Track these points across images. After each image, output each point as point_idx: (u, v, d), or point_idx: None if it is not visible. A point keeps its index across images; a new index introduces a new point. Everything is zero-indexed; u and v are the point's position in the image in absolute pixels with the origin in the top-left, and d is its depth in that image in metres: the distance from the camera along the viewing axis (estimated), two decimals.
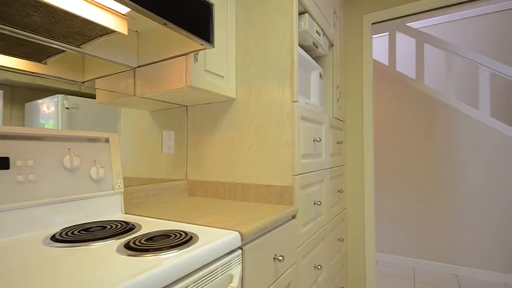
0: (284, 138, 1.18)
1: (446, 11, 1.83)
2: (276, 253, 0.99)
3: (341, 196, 1.89)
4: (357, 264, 2.03)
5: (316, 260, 1.36)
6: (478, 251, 2.48)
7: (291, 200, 1.16)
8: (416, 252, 2.72)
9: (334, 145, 1.74)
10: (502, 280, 2.38)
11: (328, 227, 1.56)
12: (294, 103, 1.17)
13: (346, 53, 2.08)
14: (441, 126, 2.63)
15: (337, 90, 1.80)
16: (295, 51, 1.17)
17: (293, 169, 1.17)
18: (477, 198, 2.48)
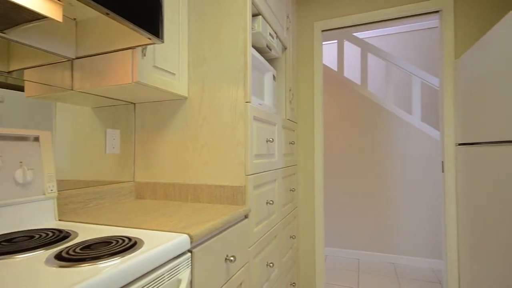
0: (237, 138, 1.18)
1: (384, 25, 2.01)
2: (228, 253, 0.99)
3: (293, 195, 1.96)
4: (308, 259, 2.12)
5: (268, 258, 1.38)
6: (411, 241, 2.78)
7: (243, 200, 1.17)
8: (360, 245, 2.94)
9: (287, 146, 1.79)
10: (430, 266, 2.70)
11: (280, 225, 1.60)
12: (247, 104, 1.17)
13: (299, 57, 2.16)
14: (381, 129, 2.89)
15: (290, 92, 1.86)
16: (248, 52, 1.18)
17: (246, 169, 1.17)
18: (411, 193, 2.78)
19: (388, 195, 2.86)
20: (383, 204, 2.87)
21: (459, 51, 1.78)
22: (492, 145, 1.27)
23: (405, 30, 3.66)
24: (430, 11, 1.84)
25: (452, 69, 1.79)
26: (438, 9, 1.82)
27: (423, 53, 3.60)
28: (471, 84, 1.51)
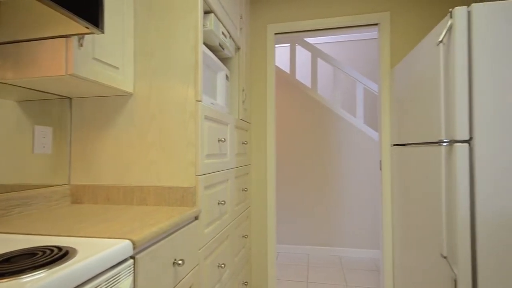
0: (187, 137, 1.15)
1: (333, 33, 2.15)
2: (176, 257, 0.95)
3: (246, 194, 1.97)
4: (260, 257, 2.16)
5: (220, 259, 1.37)
6: (355, 234, 3.01)
7: (194, 201, 1.13)
8: (310, 240, 3.09)
9: (240, 145, 1.80)
10: (370, 256, 2.96)
11: (232, 225, 1.60)
12: (198, 103, 1.15)
13: (252, 58, 2.19)
14: (329, 130, 3.08)
15: (243, 92, 1.87)
16: (199, 49, 1.15)
17: (197, 169, 1.14)
18: (355, 190, 3.01)
19: (335, 192, 3.05)
20: (330, 201, 3.06)
21: (395, 62, 1.98)
22: (417, 146, 1.44)
23: (352, 39, 3.96)
24: (371, 23, 2.01)
25: (389, 78, 1.98)
26: (377, 22, 2.00)
27: (367, 61, 3.94)
28: (402, 92, 1.69)
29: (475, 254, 1.06)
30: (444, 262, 1.18)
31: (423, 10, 1.94)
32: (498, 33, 1.04)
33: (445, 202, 1.14)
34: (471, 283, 1.06)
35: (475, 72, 1.06)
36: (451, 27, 1.11)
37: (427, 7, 1.93)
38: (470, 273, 1.06)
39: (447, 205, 1.16)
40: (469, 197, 1.07)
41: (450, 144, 1.12)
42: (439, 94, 1.18)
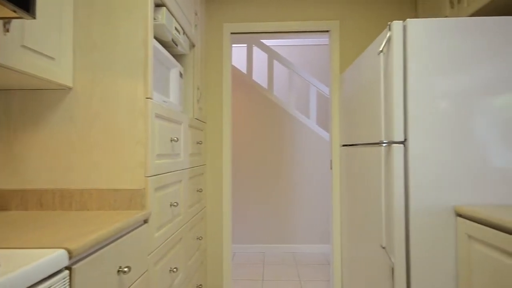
0: (136, 137, 1.08)
1: (288, 36, 2.22)
2: (122, 264, 0.89)
3: (200, 195, 1.93)
4: (216, 259, 2.13)
5: (172, 263, 1.32)
6: (308, 231, 3.14)
7: (143, 204, 1.07)
8: (265, 239, 3.15)
9: (194, 145, 1.75)
10: (321, 251, 3.12)
11: (186, 227, 1.55)
12: (148, 100, 1.09)
13: (208, 56, 2.15)
14: (284, 130, 3.17)
15: (198, 91, 1.83)
16: (149, 44, 1.09)
17: (146, 170, 1.08)
18: (308, 188, 3.15)
19: (289, 191, 3.15)
20: (284, 200, 3.15)
21: (344, 67, 2.12)
22: (363, 146, 1.57)
23: (307, 43, 4.13)
24: (322, 30, 2.12)
25: (338, 82, 2.11)
26: (328, 29, 2.12)
27: (320, 65, 4.14)
28: (350, 97, 1.82)
29: (408, 244, 1.18)
30: (383, 252, 1.29)
31: (369, 21, 2.10)
32: (429, 46, 1.17)
33: (384, 197, 1.25)
34: (405, 270, 1.18)
35: (409, 81, 1.18)
36: (389, 39, 1.22)
37: (373, 18, 2.10)
38: (404, 261, 1.18)
39: (386, 200, 1.27)
40: (403, 192, 1.19)
41: (388, 145, 1.23)
42: (380, 100, 1.29)
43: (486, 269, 0.98)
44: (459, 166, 1.16)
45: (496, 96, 1.15)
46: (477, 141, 1.15)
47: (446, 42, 1.17)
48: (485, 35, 1.15)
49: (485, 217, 0.98)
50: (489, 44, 1.15)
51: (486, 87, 1.15)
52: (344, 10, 2.11)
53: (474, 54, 1.16)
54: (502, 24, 1.15)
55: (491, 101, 1.15)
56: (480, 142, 1.15)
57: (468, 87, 1.16)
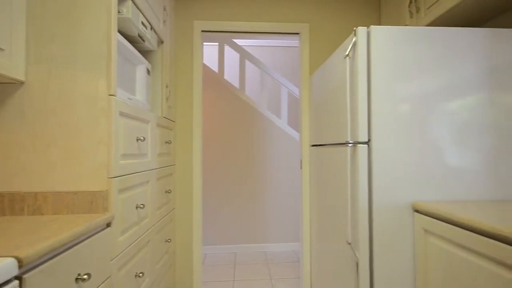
0: (98, 136, 1.02)
1: (259, 36, 2.23)
2: (81, 271, 0.83)
3: (169, 196, 1.87)
4: (185, 261, 2.08)
5: (138, 268, 1.26)
6: (279, 229, 3.18)
7: (105, 207, 1.02)
8: (237, 239, 3.14)
9: (163, 145, 1.70)
10: (292, 248, 3.18)
11: (154, 230, 1.50)
12: (112, 97, 1.03)
13: (178, 54, 2.10)
14: (256, 130, 3.19)
15: (167, 89, 1.77)
16: (113, 38, 1.04)
17: (109, 171, 1.03)
18: (279, 188, 3.19)
19: (260, 190, 3.17)
20: (256, 199, 3.17)
21: (313, 69, 2.18)
22: (330, 146, 1.62)
23: (279, 45, 4.18)
24: (293, 32, 2.16)
25: (308, 84, 2.16)
26: (298, 32, 2.16)
27: (291, 66, 4.22)
28: (319, 98, 1.87)
29: (372, 239, 1.24)
30: (349, 248, 1.34)
31: (337, 26, 2.18)
32: (390, 51, 1.24)
33: (350, 195, 1.31)
34: (368, 264, 1.24)
35: (373, 84, 1.24)
36: (355, 44, 1.27)
37: (341, 23, 2.19)
38: (368, 255, 1.24)
39: (351, 197, 1.33)
40: (367, 190, 1.25)
41: (354, 145, 1.29)
42: (346, 102, 1.34)
43: (440, 261, 1.06)
44: (417, 165, 1.24)
45: (450, 101, 1.24)
46: (433, 142, 1.24)
47: (405, 49, 1.25)
48: (439, 44, 1.25)
49: (439, 212, 1.06)
50: (442, 52, 1.25)
51: (441, 93, 1.24)
52: (313, 14, 2.17)
53: (430, 61, 1.25)
54: (453, 35, 1.25)
55: (445, 105, 1.24)
56: (436, 143, 1.24)
57: (425, 92, 1.24)
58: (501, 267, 0.81)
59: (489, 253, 0.84)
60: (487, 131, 1.24)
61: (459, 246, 0.97)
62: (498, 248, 0.81)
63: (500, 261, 0.81)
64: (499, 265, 0.81)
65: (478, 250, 0.88)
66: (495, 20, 1.48)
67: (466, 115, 1.24)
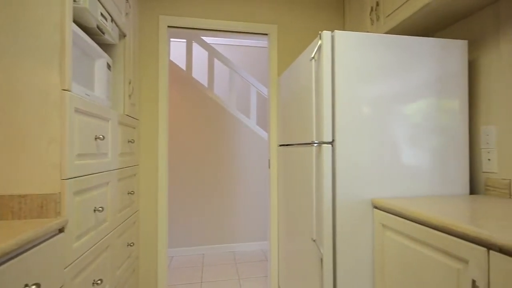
0: (49, 134, 0.94)
1: (229, 35, 2.21)
2: (29, 282, 0.76)
3: (132, 198, 1.79)
4: (150, 265, 2.00)
5: (96, 275, 1.19)
6: (247, 229, 3.19)
7: (58, 211, 0.94)
8: (205, 240, 3.09)
9: (125, 144, 1.62)
10: (260, 247, 3.21)
11: (114, 234, 1.42)
12: (66, 92, 0.96)
13: (142, 49, 2.01)
14: (224, 129, 3.16)
15: (130, 85, 1.69)
16: (67, 28, 0.96)
17: (63, 172, 0.95)
18: (247, 188, 3.20)
19: (228, 190, 3.16)
20: (224, 199, 3.14)
21: (281, 70, 2.21)
22: (297, 146, 1.66)
23: (249, 44, 4.19)
24: (261, 32, 2.18)
25: (276, 85, 2.19)
26: (267, 32, 2.18)
27: (262, 66, 4.25)
28: (286, 99, 1.91)
29: (335, 235, 1.29)
30: (314, 244, 1.39)
31: (304, 28, 2.24)
32: (352, 55, 1.30)
33: (315, 193, 1.35)
34: (332, 259, 1.28)
35: (336, 87, 1.29)
36: (320, 47, 1.32)
37: (308, 26, 2.24)
38: (331, 251, 1.28)
39: (316, 195, 1.37)
40: (331, 188, 1.29)
41: (319, 145, 1.33)
42: (312, 103, 1.38)
43: (395, 253, 1.13)
44: (377, 164, 1.31)
45: (405, 104, 1.33)
46: (391, 142, 1.32)
47: (366, 54, 1.31)
48: (396, 50, 1.33)
49: (394, 208, 1.13)
50: (399, 58, 1.34)
51: (398, 96, 1.33)
52: (282, 15, 2.20)
53: (388, 66, 1.33)
54: (408, 42, 1.34)
55: (401, 108, 1.33)
56: (393, 143, 1.32)
57: (384, 95, 1.32)
58: (448, 257, 0.88)
59: (438, 245, 0.92)
60: (435, 133, 1.35)
61: (412, 239, 1.04)
62: (446, 240, 0.88)
63: (448, 252, 0.88)
64: (447, 255, 0.89)
65: (428, 242, 0.96)
66: (444, 31, 1.62)
67: (418, 118, 1.34)
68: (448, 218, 0.90)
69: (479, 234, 0.76)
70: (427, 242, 0.96)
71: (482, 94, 1.40)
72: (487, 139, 1.36)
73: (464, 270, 0.82)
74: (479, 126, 1.41)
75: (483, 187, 1.38)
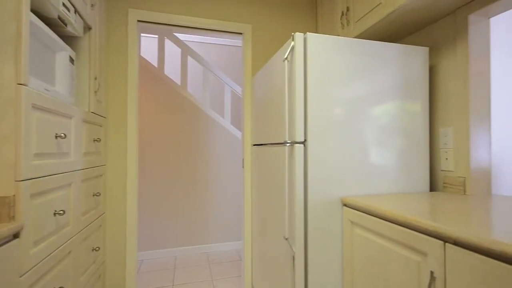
0: (2, 132, 0.86)
1: (202, 33, 2.17)
2: None
3: (98, 200, 1.70)
4: (117, 270, 1.92)
5: (56, 282, 1.11)
6: (221, 229, 3.16)
7: (12, 215, 0.87)
8: (177, 242, 3.01)
9: (90, 143, 1.53)
10: (235, 247, 3.19)
11: (77, 238, 1.34)
12: (21, 87, 0.88)
13: (110, 43, 1.91)
14: (198, 128, 3.11)
15: (96, 81, 1.60)
16: (24, 18, 0.89)
17: (17, 173, 0.88)
18: (221, 187, 3.17)
19: (202, 190, 3.11)
20: (198, 199, 3.09)
21: (256, 70, 2.21)
22: (270, 146, 1.67)
23: (224, 43, 4.15)
24: (236, 31, 2.17)
25: (250, 84, 2.19)
26: (241, 32, 2.17)
27: (237, 66, 4.23)
28: (260, 99, 1.91)
29: (307, 233, 1.31)
30: (286, 243, 1.40)
31: (278, 29, 2.26)
32: (323, 58, 1.34)
33: (288, 192, 1.36)
34: (304, 256, 1.31)
35: (308, 88, 1.32)
36: (293, 48, 1.34)
37: (282, 27, 2.27)
38: (303, 248, 1.31)
39: (289, 194, 1.39)
40: (303, 187, 1.32)
41: (291, 145, 1.35)
42: (285, 104, 1.40)
43: (363, 248, 1.18)
44: (346, 163, 1.36)
45: (374, 106, 1.39)
46: (360, 142, 1.38)
47: (337, 57, 1.35)
48: (366, 54, 1.39)
49: (361, 205, 1.18)
50: (368, 62, 1.39)
51: (367, 99, 1.39)
52: (257, 15, 2.21)
53: (358, 69, 1.38)
54: (376, 47, 1.41)
55: (370, 110, 1.39)
56: (362, 143, 1.38)
57: (354, 97, 1.37)
58: (410, 250, 0.94)
59: (401, 239, 0.97)
60: (400, 134, 1.43)
61: (377, 234, 1.09)
62: (408, 235, 0.94)
63: (409, 246, 0.93)
64: (408, 249, 0.94)
65: (392, 237, 1.01)
66: (408, 38, 1.71)
67: (385, 120, 1.41)
68: (409, 213, 0.95)
69: (437, 228, 0.82)
70: (391, 237, 1.01)
71: (441, 97, 1.50)
72: (445, 140, 1.46)
73: (423, 262, 0.88)
74: (438, 128, 1.51)
75: (442, 185, 1.48)
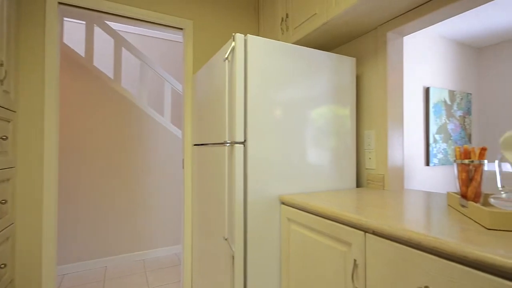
0: None
1: (139, 24, 2.01)
2: None
3: (4, 209, 1.43)
4: None
5: None
6: (159, 234, 2.99)
7: None
8: (108, 251, 2.75)
9: None
10: (174, 252, 3.06)
11: None
12: None
13: (22, 26, 1.64)
14: (134, 127, 2.88)
15: (2, 67, 1.35)
16: None
17: None
18: (159, 189, 3.00)
19: (138, 193, 2.90)
20: (133, 203, 2.87)
21: (197, 68, 2.15)
22: (211, 146, 1.65)
23: (164, 37, 3.93)
24: (177, 26, 2.07)
25: (191, 82, 2.12)
26: (182, 27, 2.09)
27: (178, 62, 4.05)
28: (201, 98, 1.87)
29: (246, 232, 1.33)
30: (226, 243, 1.40)
31: (221, 28, 2.24)
32: (263, 60, 1.37)
33: (227, 192, 1.36)
34: (243, 255, 1.32)
35: (248, 88, 1.33)
36: (233, 49, 1.34)
37: (225, 26, 2.25)
38: (242, 247, 1.32)
39: (229, 194, 1.38)
40: (243, 186, 1.33)
41: (231, 145, 1.34)
42: (225, 104, 1.39)
43: (298, 243, 1.24)
44: (284, 163, 1.41)
45: (310, 109, 1.48)
46: (298, 142, 1.45)
47: (277, 60, 1.40)
48: (303, 60, 1.47)
49: (297, 202, 1.24)
50: (304, 67, 1.48)
51: (304, 102, 1.47)
52: (198, 12, 2.15)
53: (296, 73, 1.45)
54: (313, 54, 1.50)
55: (307, 112, 1.47)
56: (299, 144, 1.45)
57: (292, 99, 1.44)
58: (338, 242, 1.02)
59: (330, 232, 1.05)
60: (333, 135, 1.55)
61: (311, 229, 1.16)
62: (336, 228, 1.02)
63: (337, 238, 1.02)
64: (336, 240, 1.03)
65: (323, 230, 1.09)
66: (341, 47, 1.88)
67: (320, 122, 1.51)
68: (337, 208, 1.04)
69: (358, 220, 0.91)
70: (322, 231, 1.09)
71: (365, 103, 1.68)
72: (369, 142, 1.64)
73: (348, 251, 0.97)
74: (363, 130, 1.69)
75: (366, 181, 1.66)
